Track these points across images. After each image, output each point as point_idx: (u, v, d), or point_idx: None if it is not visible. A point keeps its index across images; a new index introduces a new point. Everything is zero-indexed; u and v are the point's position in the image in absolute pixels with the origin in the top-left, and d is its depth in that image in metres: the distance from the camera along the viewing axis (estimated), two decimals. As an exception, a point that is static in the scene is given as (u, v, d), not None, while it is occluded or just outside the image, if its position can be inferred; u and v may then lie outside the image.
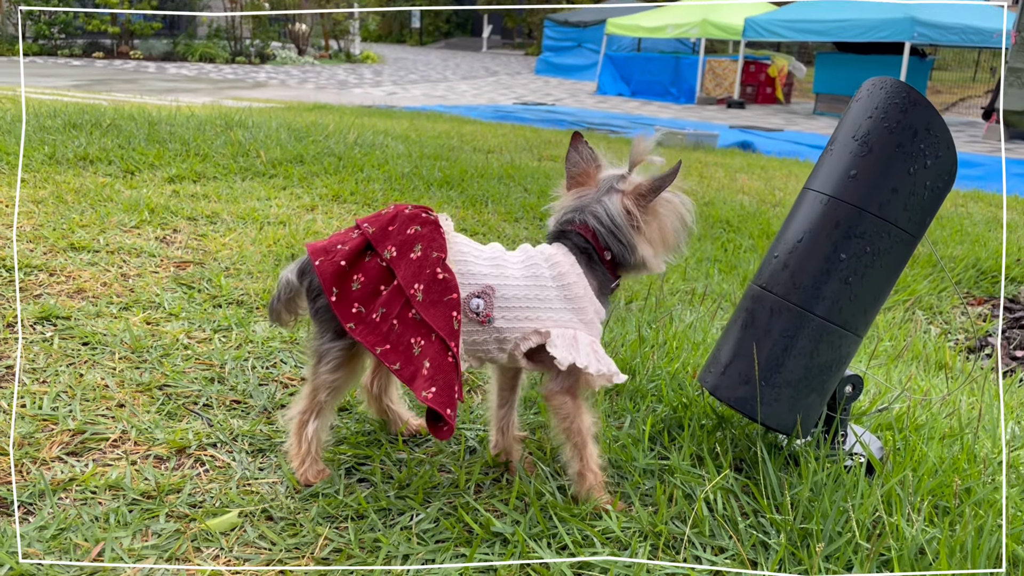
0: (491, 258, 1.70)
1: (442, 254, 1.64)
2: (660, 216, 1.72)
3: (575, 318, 1.67)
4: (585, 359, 1.63)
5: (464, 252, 1.70)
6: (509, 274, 1.68)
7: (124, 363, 2.24)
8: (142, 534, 1.57)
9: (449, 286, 1.62)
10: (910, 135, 1.70)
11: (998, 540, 1.57)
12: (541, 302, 1.67)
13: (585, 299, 1.69)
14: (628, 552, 1.60)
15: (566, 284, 1.67)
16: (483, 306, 1.65)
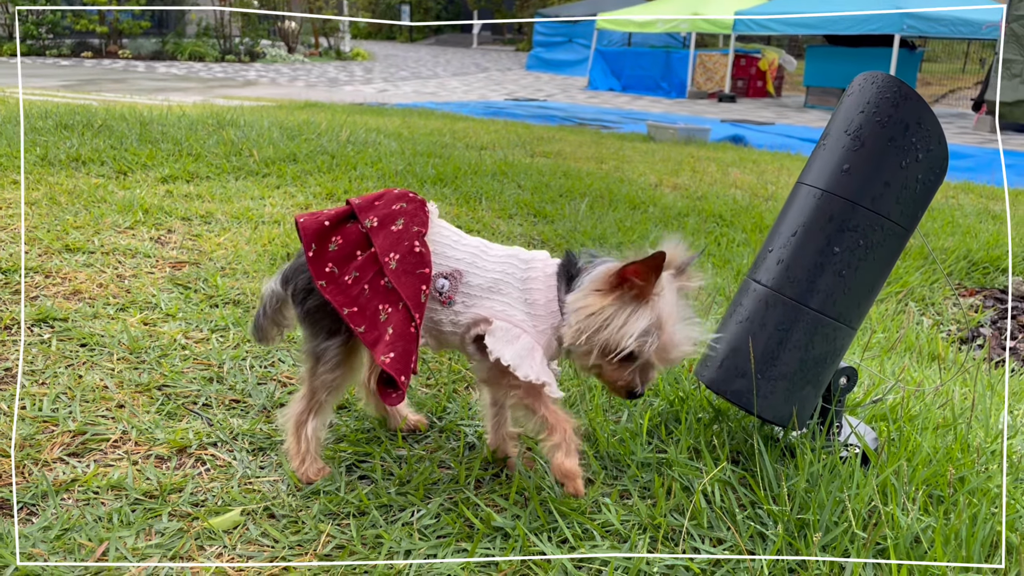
0: (470, 246, 1.72)
1: (423, 229, 1.69)
2: (620, 304, 1.56)
3: (528, 321, 1.65)
4: (514, 358, 1.59)
5: (445, 235, 1.73)
6: (481, 264, 1.69)
7: (123, 364, 2.24)
8: (145, 533, 1.58)
9: (423, 260, 1.66)
10: (901, 129, 1.72)
11: (992, 528, 1.60)
12: (500, 296, 1.66)
13: (543, 309, 1.66)
14: (628, 545, 1.62)
15: (529, 288, 1.67)
16: (447, 287, 1.68)
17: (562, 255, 1.71)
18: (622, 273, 1.54)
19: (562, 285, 1.66)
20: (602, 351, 1.57)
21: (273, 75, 20.46)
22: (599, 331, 1.56)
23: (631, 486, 1.80)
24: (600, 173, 6.03)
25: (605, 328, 1.55)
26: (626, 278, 1.54)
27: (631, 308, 1.54)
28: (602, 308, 1.56)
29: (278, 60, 24.41)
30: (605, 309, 1.55)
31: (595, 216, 4.52)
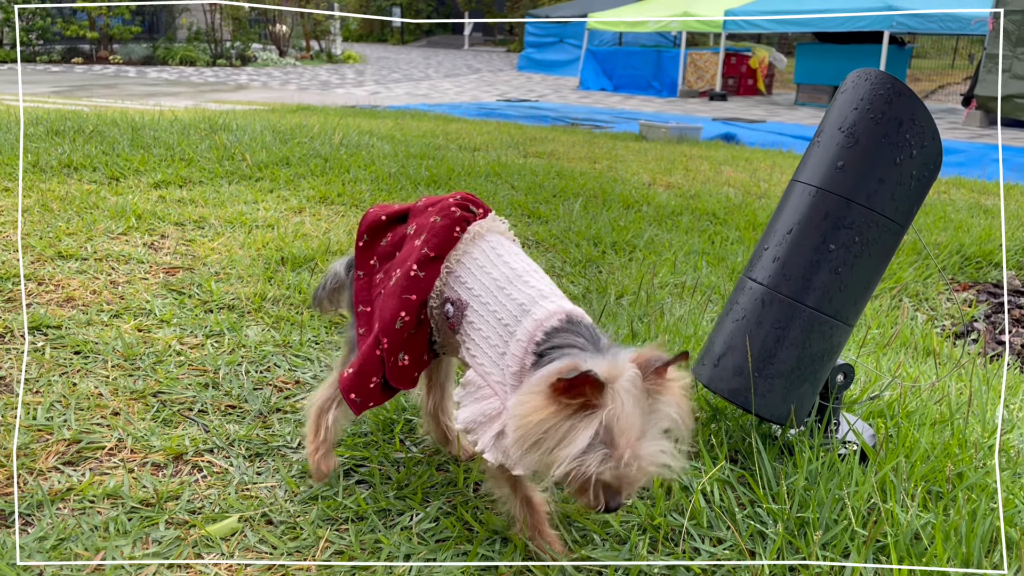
0: (496, 276, 1.55)
1: (432, 252, 1.60)
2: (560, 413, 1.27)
3: (502, 383, 1.47)
4: (469, 421, 1.47)
5: (478, 258, 1.59)
6: (489, 300, 1.53)
7: (117, 371, 2.23)
8: (142, 542, 1.57)
9: (416, 286, 1.60)
10: (895, 125, 1.72)
11: (992, 523, 1.60)
12: (490, 348, 1.50)
13: (514, 377, 1.45)
14: (627, 547, 1.61)
15: (511, 353, 1.45)
16: (452, 313, 1.59)
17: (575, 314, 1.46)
18: (560, 386, 1.26)
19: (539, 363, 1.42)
20: (546, 468, 1.30)
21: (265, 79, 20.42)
22: (534, 446, 1.29)
23: (630, 487, 1.79)
24: (593, 173, 6.03)
25: (540, 445, 1.28)
26: (573, 387, 1.26)
27: (572, 420, 1.26)
28: (537, 415, 1.28)
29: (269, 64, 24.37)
30: (541, 415, 1.28)
31: (589, 216, 4.52)
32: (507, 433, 1.39)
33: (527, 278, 1.55)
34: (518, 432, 1.30)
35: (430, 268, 1.62)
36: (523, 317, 1.47)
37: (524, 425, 1.28)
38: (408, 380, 1.66)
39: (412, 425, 2.08)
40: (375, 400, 1.66)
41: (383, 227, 1.76)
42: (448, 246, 1.63)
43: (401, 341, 1.61)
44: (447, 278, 1.61)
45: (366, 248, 1.76)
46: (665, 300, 3.21)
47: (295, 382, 2.28)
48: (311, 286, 2.96)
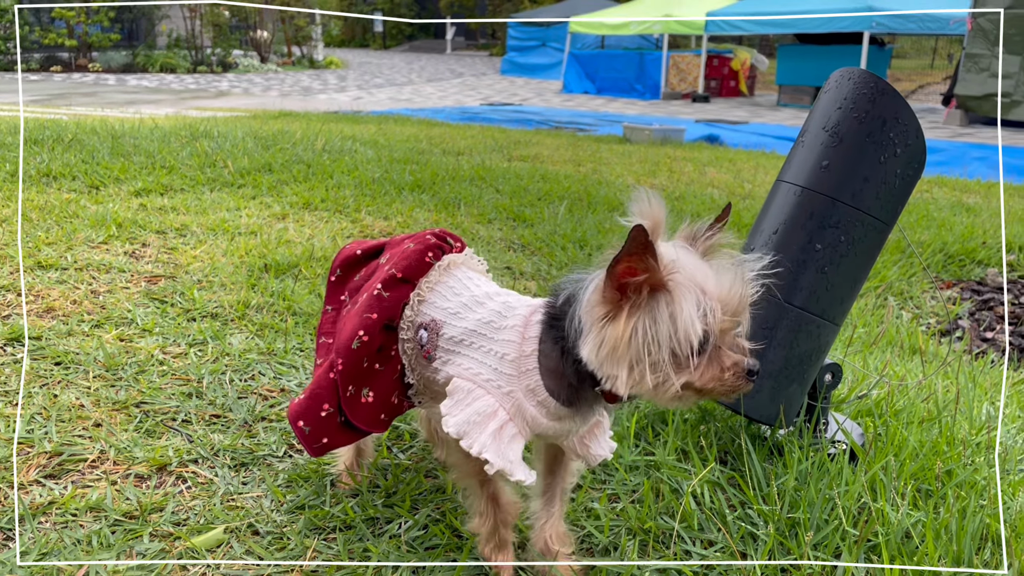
0: (466, 295, 1.51)
1: (400, 273, 1.54)
2: (641, 313, 1.21)
3: (494, 380, 1.39)
4: (460, 424, 1.35)
5: (450, 283, 1.54)
6: (464, 315, 1.47)
7: (99, 382, 2.20)
8: (126, 555, 1.54)
9: (379, 306, 1.52)
10: (879, 124, 1.72)
11: (982, 521, 1.60)
12: (473, 350, 1.43)
13: (513, 365, 1.38)
14: (618, 552, 1.60)
15: (501, 339, 1.40)
16: (425, 339, 1.49)
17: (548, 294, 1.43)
18: (616, 281, 1.21)
19: (548, 333, 1.37)
20: (675, 366, 1.22)
21: (246, 85, 20.33)
22: (648, 357, 1.21)
23: (619, 489, 1.79)
24: (578, 176, 6.03)
25: (652, 349, 1.21)
26: (623, 283, 1.21)
27: (659, 305, 1.20)
28: (625, 334, 1.21)
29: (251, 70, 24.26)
30: (628, 332, 1.21)
31: (574, 219, 4.51)
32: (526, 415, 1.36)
33: (506, 296, 1.50)
34: (625, 365, 1.22)
35: (396, 289, 1.53)
36: (509, 313, 1.43)
37: (621, 352, 1.21)
38: (374, 421, 1.54)
39: (399, 432, 2.06)
40: (330, 436, 1.53)
41: (357, 262, 1.70)
42: (418, 270, 1.55)
43: (359, 367, 1.50)
44: (418, 306, 1.53)
45: (338, 283, 1.71)
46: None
47: (280, 390, 2.26)
48: (295, 293, 2.93)
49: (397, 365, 1.55)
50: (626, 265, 1.19)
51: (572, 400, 1.38)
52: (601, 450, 1.51)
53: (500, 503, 1.49)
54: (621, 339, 1.21)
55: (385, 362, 1.54)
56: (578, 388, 1.36)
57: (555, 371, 1.36)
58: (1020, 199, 6.41)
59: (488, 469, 1.33)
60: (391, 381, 1.55)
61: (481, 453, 1.32)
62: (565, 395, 1.37)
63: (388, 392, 1.55)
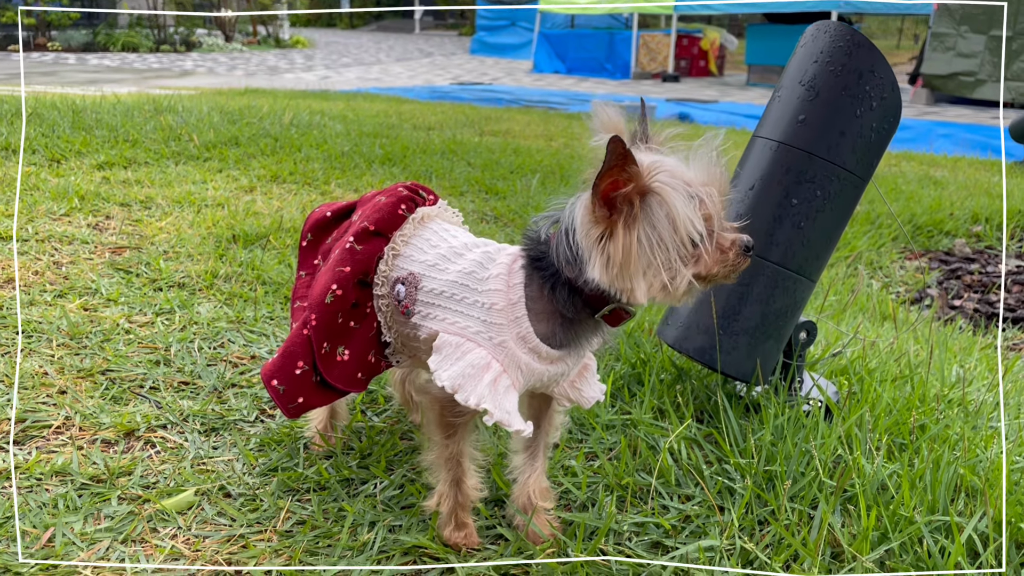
0: (444, 248, 1.48)
1: (372, 226, 1.50)
2: (639, 222, 1.22)
3: (484, 332, 1.36)
4: (454, 378, 1.32)
5: (427, 236, 1.51)
6: (444, 267, 1.44)
7: (63, 350, 2.14)
8: (94, 518, 1.50)
9: (352, 259, 1.48)
10: (855, 77, 1.71)
11: (955, 471, 1.61)
12: (457, 304, 1.40)
13: (502, 314, 1.36)
14: (596, 508, 1.59)
15: (486, 290, 1.38)
16: (403, 294, 1.45)
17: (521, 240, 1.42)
18: (603, 198, 1.21)
19: (533, 276, 1.36)
20: (683, 261, 1.24)
21: (211, 64, 19.96)
22: (656, 259, 1.22)
23: (596, 448, 1.78)
24: (550, 150, 6.00)
25: (659, 252, 1.22)
26: (610, 198, 1.21)
27: (653, 209, 1.22)
28: (630, 246, 1.22)
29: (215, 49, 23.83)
30: (634, 243, 1.22)
31: (547, 191, 4.49)
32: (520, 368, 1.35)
33: (485, 246, 1.48)
34: (637, 275, 1.23)
35: (369, 243, 1.49)
36: (490, 263, 1.40)
37: (630, 265, 1.23)
38: (351, 380, 1.50)
39: (374, 396, 2.04)
40: (306, 396, 1.48)
41: (328, 224, 1.66)
42: (391, 223, 1.51)
43: (334, 323, 1.46)
44: (393, 261, 1.49)
45: (310, 248, 1.66)
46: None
47: (251, 357, 2.22)
48: (264, 263, 2.88)
49: (373, 323, 1.52)
50: (610, 179, 1.20)
51: (565, 339, 1.37)
52: (593, 392, 1.51)
53: (462, 486, 1.47)
54: (628, 251, 1.22)
55: (360, 319, 1.50)
56: (573, 322, 1.36)
57: (546, 312, 1.36)
58: (986, 172, 6.49)
59: (487, 420, 1.31)
60: (367, 339, 1.52)
61: (480, 404, 1.30)
62: (559, 336, 1.37)
63: (365, 350, 1.52)
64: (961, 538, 1.41)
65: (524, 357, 1.36)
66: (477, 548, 1.47)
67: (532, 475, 1.52)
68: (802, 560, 1.42)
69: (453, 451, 1.44)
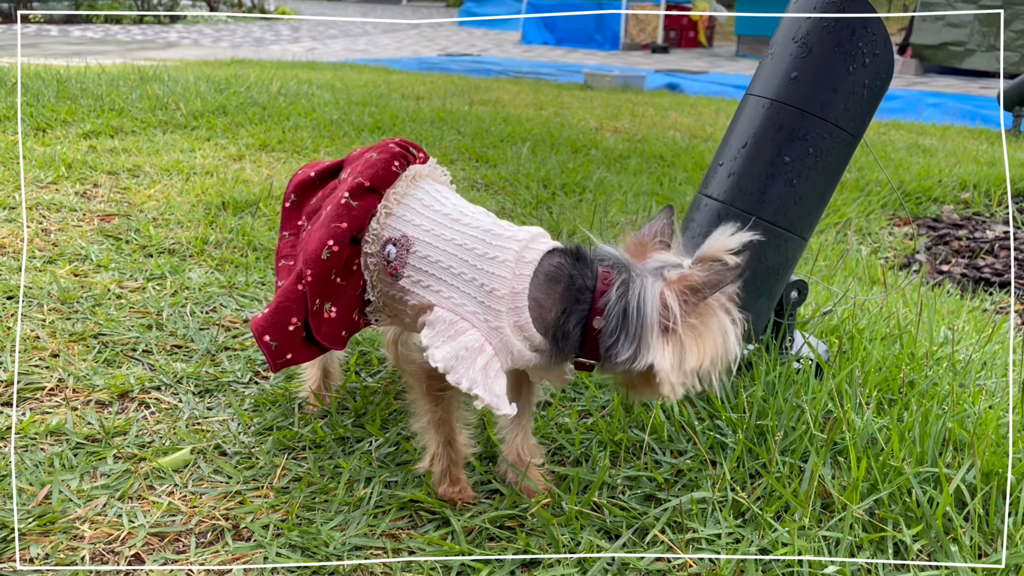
0: (442, 213, 1.46)
1: (367, 182, 1.48)
2: (701, 327, 1.33)
3: (480, 314, 1.35)
4: (448, 359, 1.31)
5: (420, 197, 1.50)
6: (441, 234, 1.43)
7: (54, 314, 2.13)
8: (90, 476, 1.51)
9: (348, 215, 1.46)
10: (848, 34, 1.71)
11: (944, 425, 1.63)
12: (454, 278, 1.38)
13: (504, 301, 1.35)
14: (589, 463, 1.61)
15: (491, 273, 1.36)
16: (393, 255, 1.44)
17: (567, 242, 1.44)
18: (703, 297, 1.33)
19: (550, 285, 1.37)
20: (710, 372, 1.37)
21: (196, 36, 19.69)
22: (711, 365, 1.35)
23: (590, 406, 1.79)
24: (540, 119, 5.97)
25: (717, 360, 1.36)
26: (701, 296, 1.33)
27: (715, 320, 1.36)
28: (705, 351, 1.34)
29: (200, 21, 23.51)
30: (706, 345, 1.34)
31: (537, 159, 4.47)
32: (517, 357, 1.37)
33: (481, 216, 1.47)
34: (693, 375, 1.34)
35: (365, 199, 1.48)
36: (495, 242, 1.39)
37: (697, 366, 1.33)
38: (335, 338, 1.49)
39: (368, 357, 2.04)
40: (295, 352, 1.47)
41: (312, 185, 1.64)
42: (385, 180, 1.50)
43: (328, 279, 1.45)
44: (385, 220, 1.47)
45: (293, 208, 1.64)
46: (618, 236, 3.20)
47: (243, 321, 2.22)
48: (254, 229, 2.87)
49: (359, 280, 1.51)
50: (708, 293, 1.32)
51: (551, 355, 1.41)
52: (566, 374, 1.51)
53: (454, 444, 1.47)
54: (704, 345, 1.33)
55: (348, 276, 1.50)
56: (559, 347, 1.39)
57: (543, 320, 1.37)
58: (975, 141, 6.50)
59: (477, 404, 1.31)
60: (353, 297, 1.51)
61: (472, 389, 1.30)
62: (548, 339, 1.39)
63: (350, 308, 1.51)
64: (949, 488, 1.43)
65: (518, 344, 1.37)
66: (472, 502, 1.49)
67: (520, 433, 1.53)
68: (793, 510, 1.44)
69: (442, 415, 1.45)
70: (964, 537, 1.39)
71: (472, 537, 1.40)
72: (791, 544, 1.35)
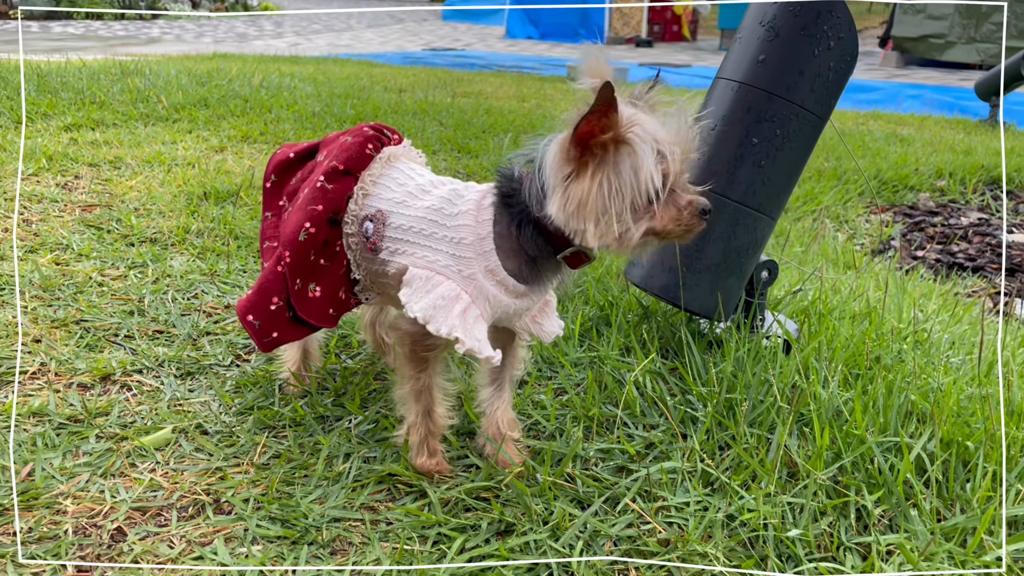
0: (412, 185, 1.51)
1: (341, 165, 1.53)
2: (605, 168, 1.27)
3: (454, 266, 1.40)
4: (426, 309, 1.36)
5: (394, 175, 1.54)
6: (411, 203, 1.47)
7: (36, 301, 2.15)
8: (72, 454, 1.53)
9: (324, 197, 1.50)
10: (813, 17, 1.75)
11: (907, 397, 1.68)
12: (426, 239, 1.43)
13: (471, 248, 1.40)
14: (564, 437, 1.65)
15: (456, 225, 1.41)
16: (371, 231, 1.49)
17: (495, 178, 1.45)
18: (579, 140, 1.25)
19: (502, 213, 1.40)
20: (635, 216, 1.29)
21: (178, 31, 19.57)
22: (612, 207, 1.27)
23: (565, 383, 1.83)
24: (522, 110, 6.00)
25: (616, 200, 1.27)
26: (585, 141, 1.25)
27: (622, 159, 1.26)
28: (591, 189, 1.26)
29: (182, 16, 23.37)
30: (595, 187, 1.26)
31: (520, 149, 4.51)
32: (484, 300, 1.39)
33: (452, 184, 1.51)
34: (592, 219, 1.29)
35: (339, 181, 1.52)
36: (459, 199, 1.44)
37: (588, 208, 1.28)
38: (323, 316, 1.54)
39: (348, 340, 2.07)
40: (280, 330, 1.52)
41: (291, 165, 1.68)
42: (360, 162, 1.54)
43: (306, 260, 1.50)
44: (363, 200, 1.52)
45: (274, 189, 1.68)
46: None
47: (224, 307, 2.24)
48: (236, 218, 2.89)
49: (343, 260, 1.55)
50: (591, 123, 1.24)
51: (530, 276, 1.43)
52: (553, 326, 1.56)
53: (433, 415, 1.51)
54: (587, 194, 1.27)
55: (331, 257, 1.54)
56: (536, 260, 1.41)
57: (512, 250, 1.40)
58: (951, 130, 6.59)
59: (459, 348, 1.35)
60: (338, 276, 1.55)
61: (451, 333, 1.35)
62: (524, 272, 1.42)
63: (335, 287, 1.55)
64: (910, 456, 1.48)
65: (492, 289, 1.41)
66: (449, 476, 1.52)
67: (500, 406, 1.58)
68: (760, 479, 1.49)
69: (425, 383, 1.49)
70: (924, 503, 1.43)
71: (448, 508, 1.43)
72: (757, 510, 1.39)
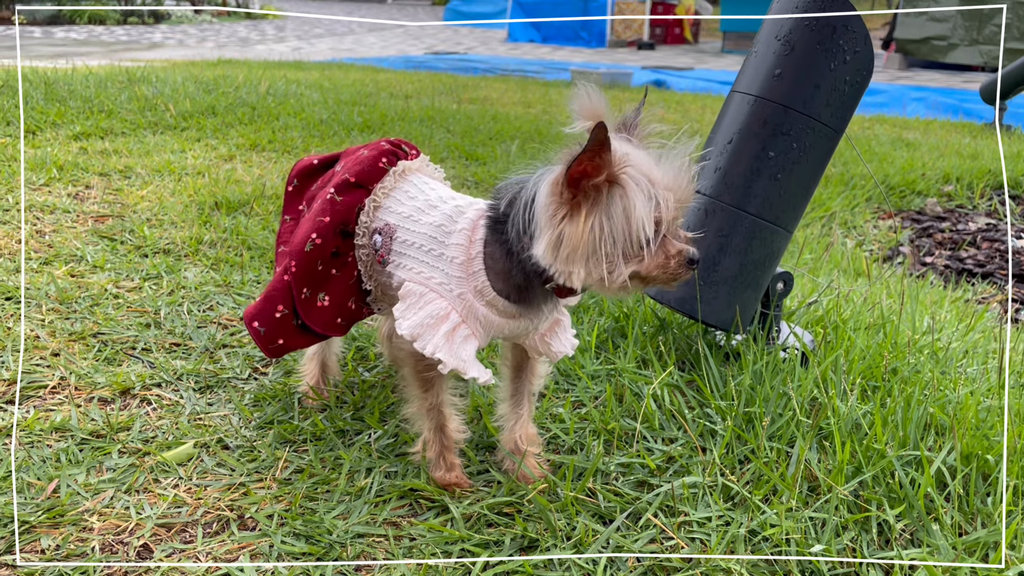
0: (421, 200, 1.52)
1: (353, 177, 1.55)
2: (598, 210, 1.24)
3: (446, 283, 1.41)
4: (414, 328, 1.37)
5: (406, 189, 1.55)
6: (418, 219, 1.48)
7: (53, 314, 2.16)
8: (96, 470, 1.54)
9: (332, 209, 1.53)
10: (829, 32, 1.76)
11: (925, 410, 1.68)
12: (426, 255, 1.45)
13: (462, 267, 1.40)
14: (584, 451, 1.65)
15: (451, 243, 1.42)
16: (379, 243, 1.51)
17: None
18: (572, 181, 1.23)
19: (493, 236, 1.39)
20: (625, 259, 1.26)
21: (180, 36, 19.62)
22: (601, 251, 1.25)
23: (583, 396, 1.83)
24: (528, 116, 6.01)
25: (606, 243, 1.24)
26: (579, 182, 1.23)
27: (614, 201, 1.23)
28: (583, 234, 1.24)
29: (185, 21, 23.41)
30: (587, 230, 1.24)
31: (527, 156, 4.52)
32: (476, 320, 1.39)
33: (460, 200, 1.52)
34: (581, 259, 1.26)
35: (349, 194, 1.55)
36: (459, 217, 1.44)
37: (577, 249, 1.25)
38: (330, 324, 1.56)
39: (364, 352, 2.08)
40: (286, 338, 1.55)
41: (314, 171, 1.72)
42: (372, 175, 1.57)
43: (313, 269, 1.52)
44: (374, 212, 1.54)
45: (296, 193, 1.73)
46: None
47: (240, 319, 2.25)
48: (248, 229, 2.90)
49: (353, 271, 1.58)
50: (583, 164, 1.22)
51: (520, 299, 1.41)
52: (562, 347, 1.55)
53: (446, 431, 1.52)
54: (580, 238, 1.24)
55: (341, 267, 1.57)
56: (525, 287, 1.40)
57: (503, 272, 1.40)
58: (957, 134, 6.59)
59: (441, 369, 1.36)
60: (347, 286, 1.58)
61: (434, 354, 1.35)
62: (515, 295, 1.41)
63: (344, 297, 1.58)
64: (931, 470, 1.49)
65: (482, 309, 1.41)
66: (470, 490, 1.53)
67: (518, 422, 1.58)
68: (781, 493, 1.49)
69: (432, 402, 1.51)
70: (945, 517, 1.44)
71: (471, 523, 1.44)
72: (779, 525, 1.40)
